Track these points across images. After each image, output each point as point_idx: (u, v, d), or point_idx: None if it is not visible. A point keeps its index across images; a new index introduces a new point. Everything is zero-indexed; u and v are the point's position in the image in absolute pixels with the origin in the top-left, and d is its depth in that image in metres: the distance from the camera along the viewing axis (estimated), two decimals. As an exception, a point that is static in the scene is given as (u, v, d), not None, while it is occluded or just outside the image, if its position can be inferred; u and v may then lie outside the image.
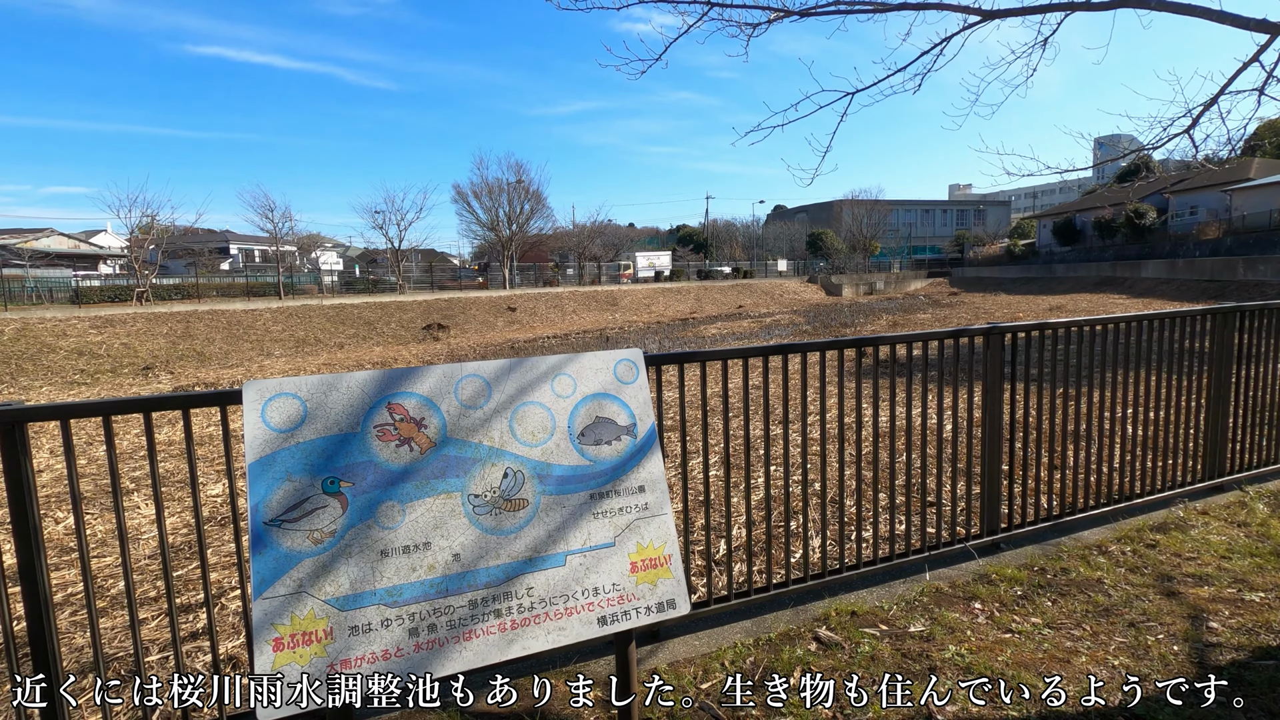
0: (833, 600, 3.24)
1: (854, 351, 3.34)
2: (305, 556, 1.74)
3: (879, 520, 3.39)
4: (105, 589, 4.33)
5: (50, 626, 2.15)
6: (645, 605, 2.03)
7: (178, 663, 2.31)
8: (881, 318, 26.84)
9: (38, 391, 17.45)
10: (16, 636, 2.39)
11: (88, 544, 2.18)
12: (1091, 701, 2.38)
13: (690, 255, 63.04)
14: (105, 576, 4.50)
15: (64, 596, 4.46)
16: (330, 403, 1.87)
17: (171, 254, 46.27)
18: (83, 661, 3.54)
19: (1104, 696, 2.41)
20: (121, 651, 3.67)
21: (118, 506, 2.17)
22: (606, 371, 2.21)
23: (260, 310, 28.32)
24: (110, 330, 23.37)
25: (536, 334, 28.64)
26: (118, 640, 3.78)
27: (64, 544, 5.12)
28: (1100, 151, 26.86)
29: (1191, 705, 2.36)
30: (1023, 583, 3.30)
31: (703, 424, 3.11)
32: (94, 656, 2.22)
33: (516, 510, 1.97)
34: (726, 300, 42.77)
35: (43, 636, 2.14)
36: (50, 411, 2.10)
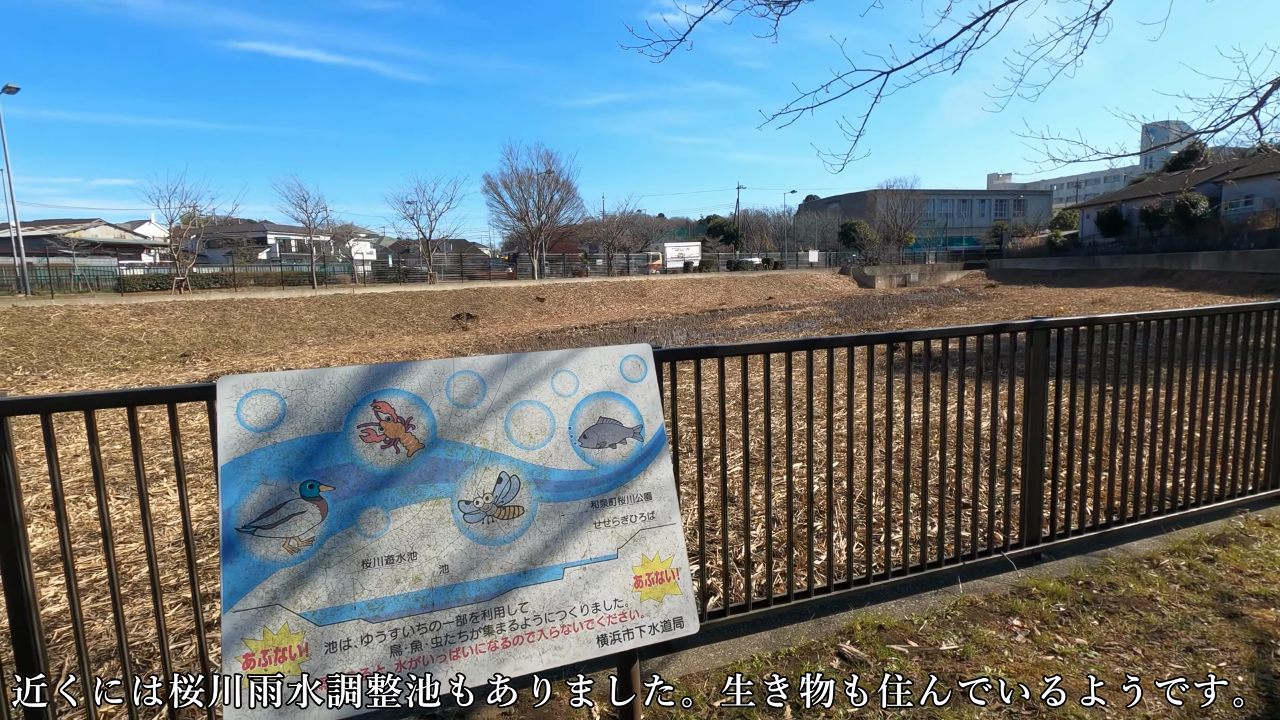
0: (858, 612, 3.04)
1: (885, 346, 3.13)
2: (280, 566, 1.62)
3: (909, 523, 3.18)
4: (126, 577, 4.32)
5: (35, 625, 2.08)
6: (650, 624, 1.87)
7: (202, 650, 2.22)
8: (915, 310, 26.20)
9: (80, 377, 17.94)
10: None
11: (70, 540, 2.10)
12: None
13: (720, 246, 62.45)
14: (126, 563, 4.50)
15: (87, 582, 4.48)
16: (311, 400, 1.74)
17: (211, 243, 47.38)
18: (100, 650, 3.51)
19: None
20: (137, 640, 3.64)
21: (100, 499, 2.08)
22: (612, 368, 2.05)
23: (294, 299, 28.78)
24: (150, 318, 23.95)
25: (564, 324, 28.62)
26: (134, 629, 3.75)
27: (94, 529, 5.16)
28: (1153, 137, 25.55)
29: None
30: (1066, 598, 3.06)
31: (720, 424, 2.93)
32: (80, 656, 2.14)
33: (510, 518, 1.82)
34: (756, 292, 42.26)
35: (27, 636, 2.07)
36: (32, 405, 2.02)
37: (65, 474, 6.95)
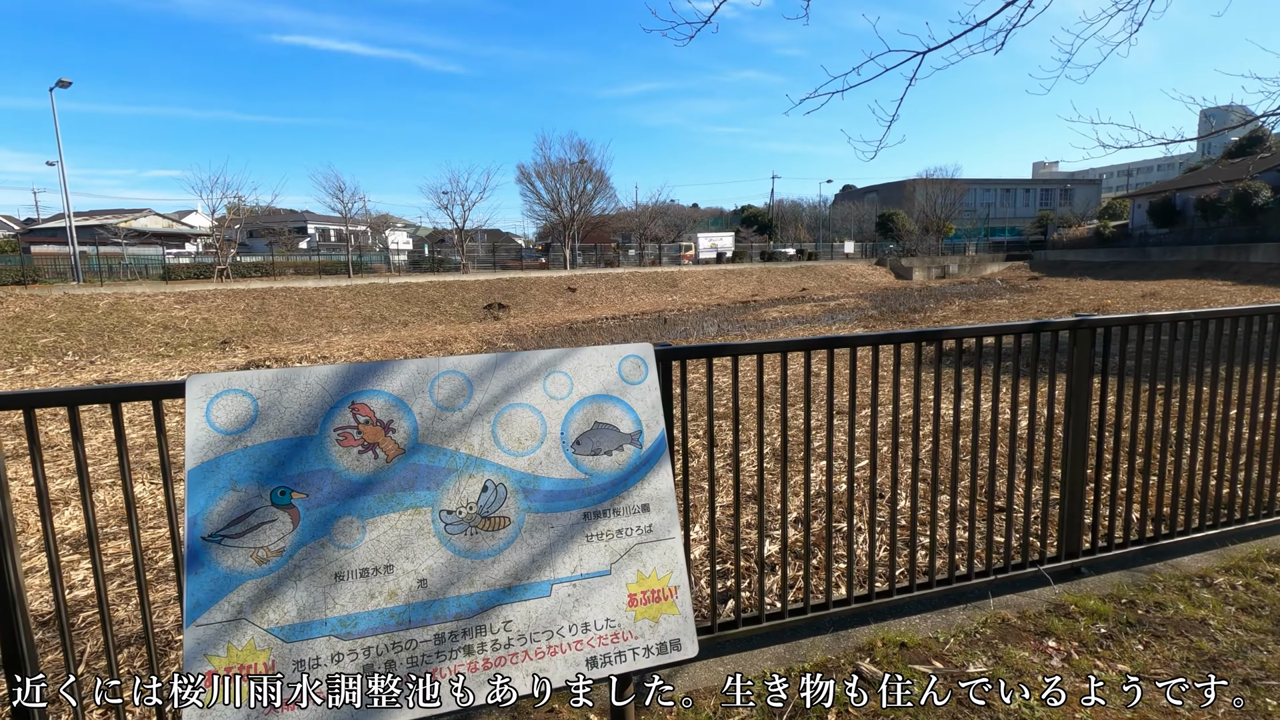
0: (879, 627, 2.86)
1: (913, 344, 2.93)
2: (247, 578, 1.52)
3: (937, 528, 2.98)
4: (152, 564, 4.35)
5: (24, 633, 2.04)
6: (644, 645, 1.74)
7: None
8: (953, 303, 25.49)
9: (126, 363, 18.50)
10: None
11: (55, 535, 2.05)
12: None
13: (754, 236, 61.69)
14: (150, 554, 4.54)
15: (115, 567, 4.53)
16: (285, 401, 1.64)
17: (253, 233, 48.54)
18: (125, 634, 3.53)
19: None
20: (159, 629, 3.65)
21: (85, 496, 2.02)
22: (610, 369, 1.91)
23: (330, 288, 29.28)
24: (193, 306, 24.60)
25: (595, 315, 28.58)
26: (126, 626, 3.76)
27: (124, 513, 5.23)
28: (1213, 122, 24.26)
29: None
30: (1107, 618, 2.84)
31: (734, 425, 2.77)
32: (67, 653, 2.09)
33: (496, 530, 1.70)
34: (790, 283, 41.65)
35: (15, 645, 2.03)
36: (14, 400, 1.97)
37: (98, 461, 7.11)
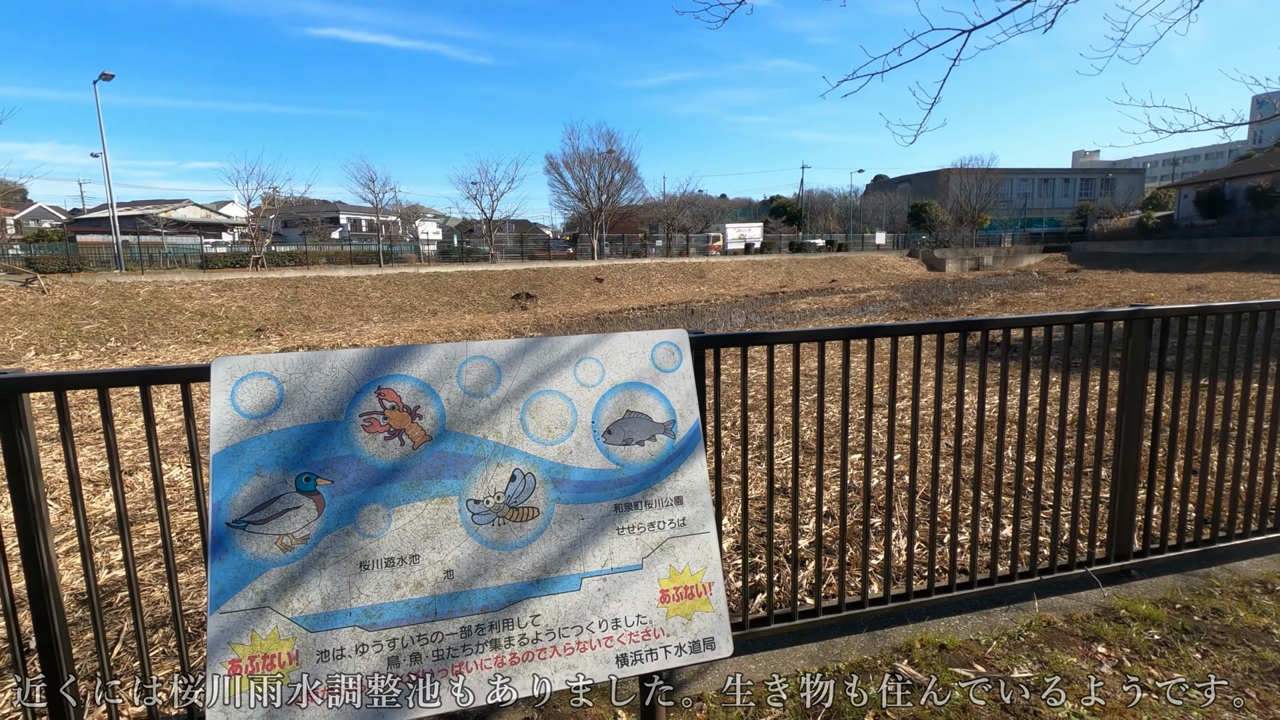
0: (917, 627, 2.76)
1: (956, 335, 2.81)
2: (272, 566, 1.49)
3: (979, 526, 2.86)
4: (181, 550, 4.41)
5: (55, 608, 2.05)
6: (676, 644, 1.67)
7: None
8: (988, 296, 24.89)
9: (165, 349, 18.96)
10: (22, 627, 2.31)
11: (86, 516, 2.05)
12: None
13: (783, 227, 60.98)
14: (185, 536, 4.61)
15: (152, 548, 4.61)
16: (311, 385, 1.60)
17: (288, 223, 49.38)
18: (160, 614, 3.58)
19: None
20: (192, 609, 3.70)
21: (115, 477, 2.02)
22: (642, 356, 1.84)
23: (361, 277, 29.66)
24: (229, 294, 25.11)
25: (622, 305, 28.53)
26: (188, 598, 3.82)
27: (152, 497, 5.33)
28: (1263, 110, 23.09)
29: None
30: (1161, 624, 2.70)
31: (768, 413, 2.68)
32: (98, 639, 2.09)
33: (524, 521, 1.64)
34: (819, 274, 41.11)
35: (48, 626, 2.04)
36: (46, 381, 1.97)
37: (137, 445, 7.25)
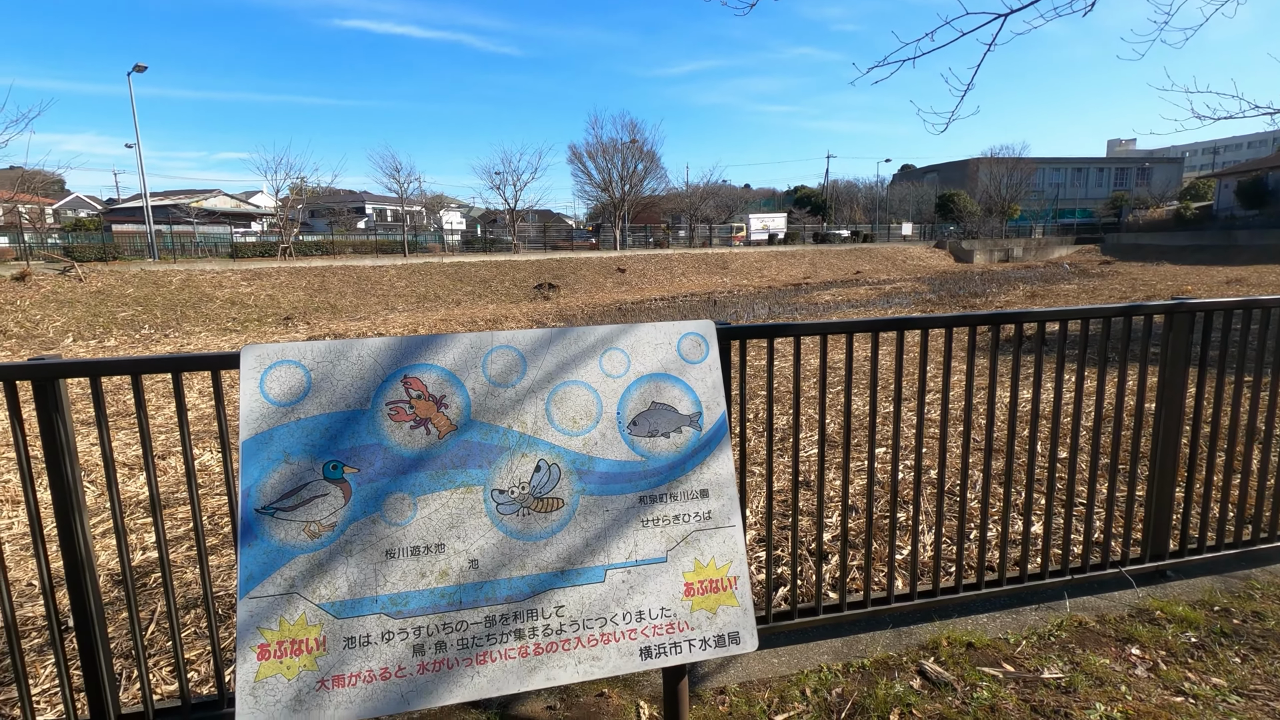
0: (944, 624, 2.72)
1: (988, 328, 2.74)
2: (300, 552, 1.50)
3: (1009, 523, 2.80)
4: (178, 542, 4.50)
5: (91, 589, 2.10)
6: (701, 637, 1.65)
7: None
8: (1017, 288, 24.41)
9: (197, 336, 19.36)
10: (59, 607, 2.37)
11: (120, 498, 2.09)
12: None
13: (807, 218, 60.34)
14: (213, 521, 4.69)
15: (184, 531, 4.72)
16: (338, 373, 1.60)
17: (315, 213, 50.06)
18: (192, 595, 3.67)
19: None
20: (222, 591, 3.78)
21: (148, 461, 2.05)
22: (668, 347, 1.82)
23: (386, 267, 29.97)
24: (258, 283, 25.53)
25: (644, 296, 28.49)
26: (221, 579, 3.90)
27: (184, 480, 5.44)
28: (1310, 96, 22.14)
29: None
30: (1199, 627, 2.63)
31: (794, 404, 2.64)
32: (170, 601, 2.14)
33: (549, 511, 1.63)
34: (843, 265, 40.64)
35: (84, 604, 2.09)
36: (82, 368, 2.00)
37: (170, 430, 7.41)
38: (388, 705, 1.46)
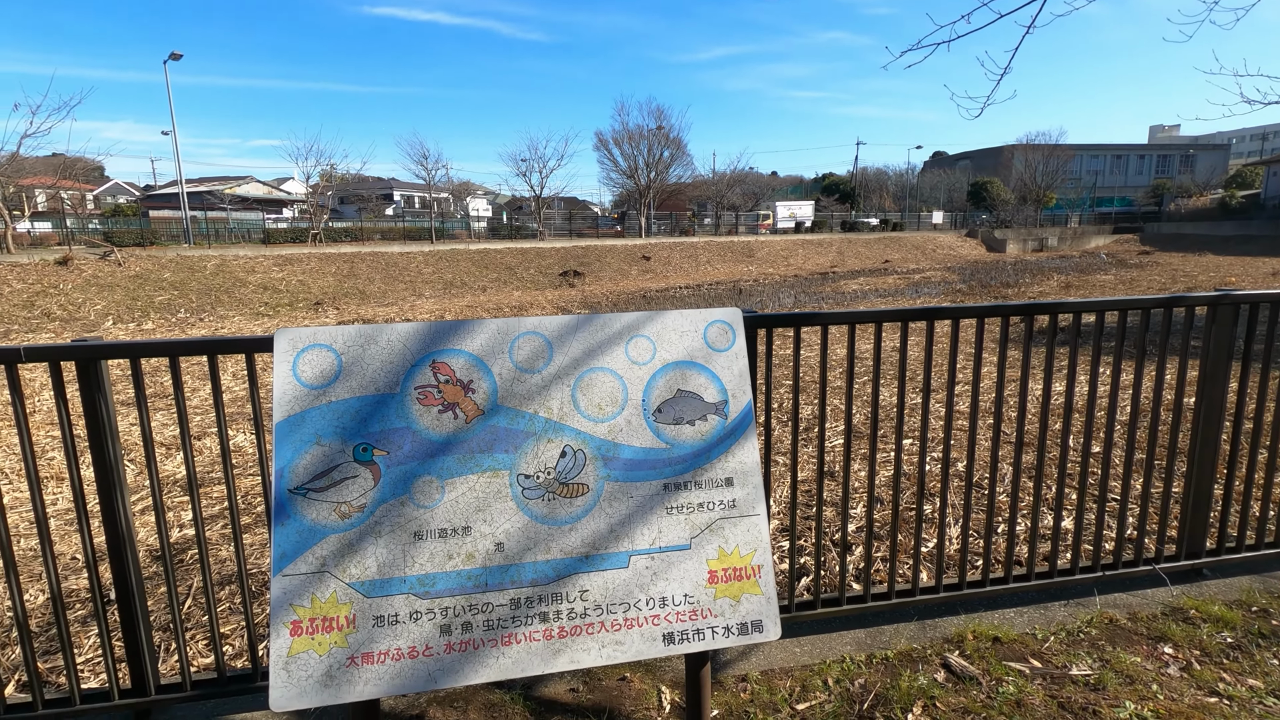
0: (969, 618, 2.69)
1: (1021, 318, 2.68)
2: (331, 532, 1.53)
3: (1038, 516, 2.76)
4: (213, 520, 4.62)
5: (131, 563, 2.17)
6: (724, 625, 1.66)
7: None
8: (1051, 278, 23.86)
9: (230, 320, 19.79)
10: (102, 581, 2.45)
11: (159, 477, 2.15)
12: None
13: (835, 205, 59.53)
14: (245, 499, 4.82)
15: (220, 509, 4.86)
16: (368, 358, 1.62)
17: (344, 199, 50.66)
18: (227, 572, 3.78)
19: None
20: (255, 569, 3.89)
21: (185, 441, 2.11)
22: (695, 335, 1.81)
23: (414, 253, 30.28)
24: (289, 268, 25.98)
25: (669, 283, 28.42)
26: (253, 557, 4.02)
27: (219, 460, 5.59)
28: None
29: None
30: (1235, 627, 2.56)
31: (820, 394, 2.62)
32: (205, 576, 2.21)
33: (574, 497, 1.65)
34: (871, 254, 40.08)
35: (125, 578, 2.16)
36: (123, 350, 2.06)
37: (205, 412, 7.60)
38: (415, 683, 1.49)
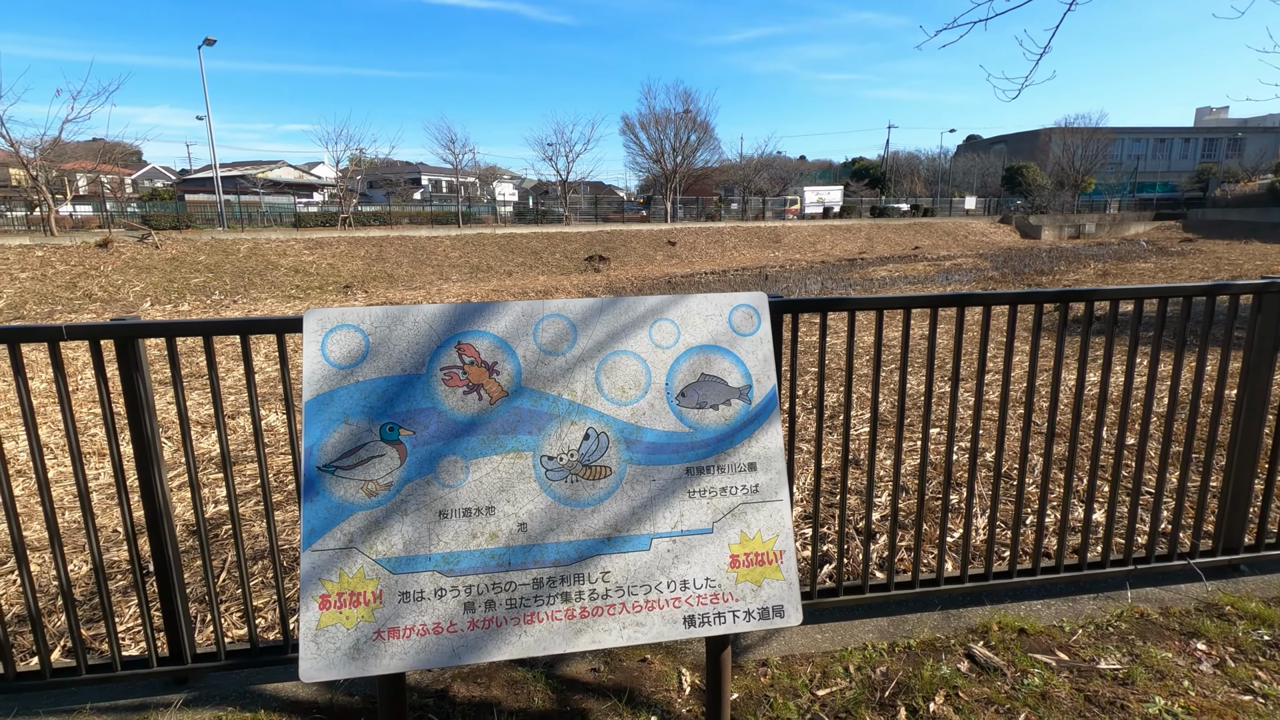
0: (995, 609, 2.66)
1: (1056, 306, 2.62)
2: (358, 509, 1.56)
3: (1069, 508, 2.70)
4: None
5: (169, 537, 2.23)
6: (745, 609, 1.66)
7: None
8: (1088, 265, 23.24)
9: (263, 303, 20.18)
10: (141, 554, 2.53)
11: (194, 454, 2.21)
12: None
13: (864, 190, 58.57)
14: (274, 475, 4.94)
15: (252, 486, 4.98)
16: (395, 338, 1.64)
17: (373, 183, 51.19)
18: (260, 547, 3.89)
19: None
20: (287, 545, 4.00)
21: (219, 419, 2.16)
22: (719, 319, 1.80)
23: (441, 237, 30.51)
24: (319, 252, 26.36)
25: (694, 269, 28.28)
26: (285, 533, 4.13)
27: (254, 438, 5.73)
28: None
29: None
30: (1273, 624, 2.50)
31: (847, 381, 2.59)
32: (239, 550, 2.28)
33: (596, 479, 1.65)
34: (901, 240, 39.41)
35: (163, 551, 2.23)
36: (159, 329, 2.11)
37: (239, 391, 7.77)
38: (439, 658, 1.52)
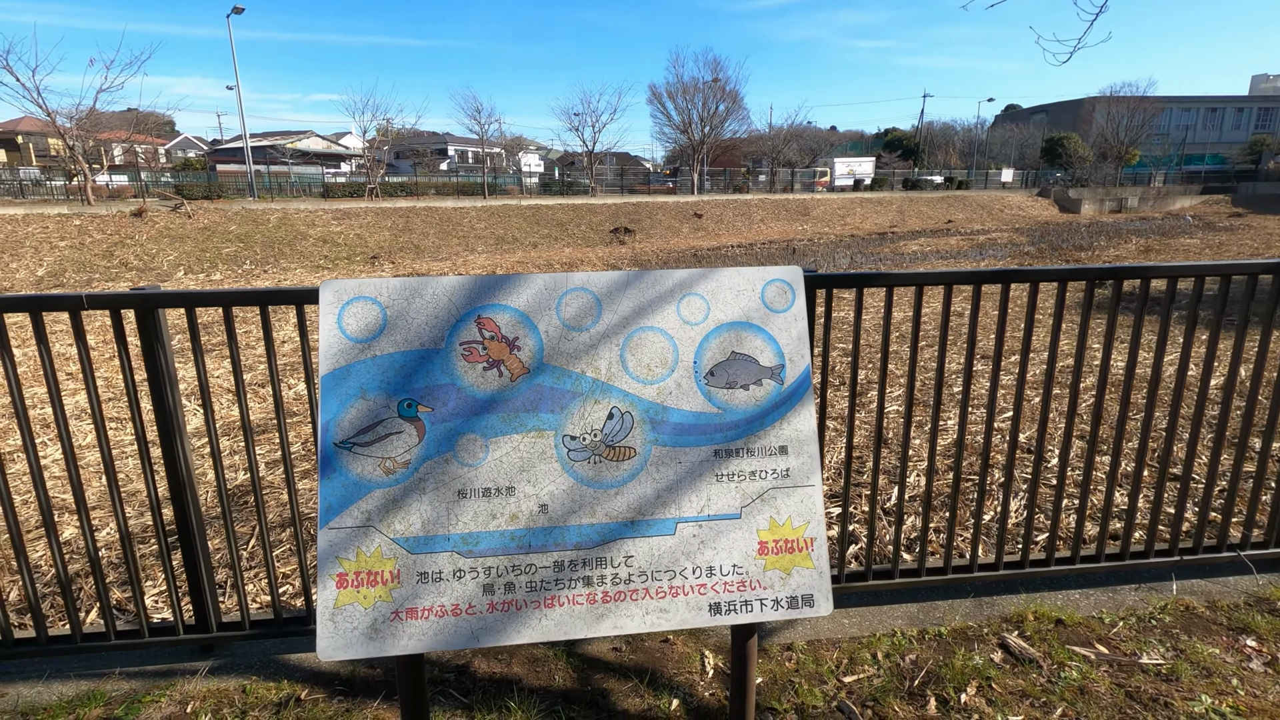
0: (1030, 598, 2.57)
1: (1110, 282, 2.47)
2: (376, 487, 1.52)
3: (1112, 495, 2.58)
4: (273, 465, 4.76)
5: (194, 511, 2.24)
6: (773, 598, 1.60)
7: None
8: (1129, 241, 22.44)
9: (292, 273, 20.39)
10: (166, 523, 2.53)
11: (215, 423, 2.19)
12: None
13: (897, 162, 57.05)
14: (297, 448, 4.97)
15: (276, 457, 5.04)
16: (413, 311, 1.58)
17: (400, 154, 51.24)
18: (283, 517, 3.93)
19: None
20: (312, 513, 4.03)
21: (239, 389, 2.14)
22: (751, 294, 1.71)
23: (467, 208, 30.49)
24: (347, 222, 26.52)
25: (721, 242, 27.92)
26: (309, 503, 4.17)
27: (290, 408, 5.79)
28: None
29: None
30: (1329, 622, 2.37)
31: (882, 359, 2.48)
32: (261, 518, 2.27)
33: (620, 460, 1.59)
34: (934, 214, 38.44)
35: (187, 520, 2.23)
36: (179, 299, 2.08)
37: (260, 362, 7.85)
38: (458, 640, 1.48)
